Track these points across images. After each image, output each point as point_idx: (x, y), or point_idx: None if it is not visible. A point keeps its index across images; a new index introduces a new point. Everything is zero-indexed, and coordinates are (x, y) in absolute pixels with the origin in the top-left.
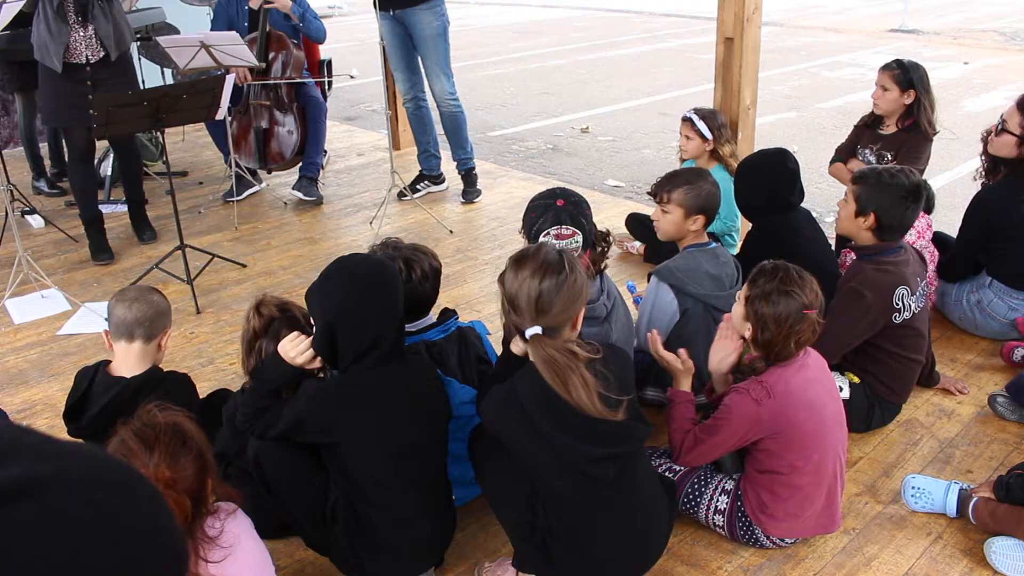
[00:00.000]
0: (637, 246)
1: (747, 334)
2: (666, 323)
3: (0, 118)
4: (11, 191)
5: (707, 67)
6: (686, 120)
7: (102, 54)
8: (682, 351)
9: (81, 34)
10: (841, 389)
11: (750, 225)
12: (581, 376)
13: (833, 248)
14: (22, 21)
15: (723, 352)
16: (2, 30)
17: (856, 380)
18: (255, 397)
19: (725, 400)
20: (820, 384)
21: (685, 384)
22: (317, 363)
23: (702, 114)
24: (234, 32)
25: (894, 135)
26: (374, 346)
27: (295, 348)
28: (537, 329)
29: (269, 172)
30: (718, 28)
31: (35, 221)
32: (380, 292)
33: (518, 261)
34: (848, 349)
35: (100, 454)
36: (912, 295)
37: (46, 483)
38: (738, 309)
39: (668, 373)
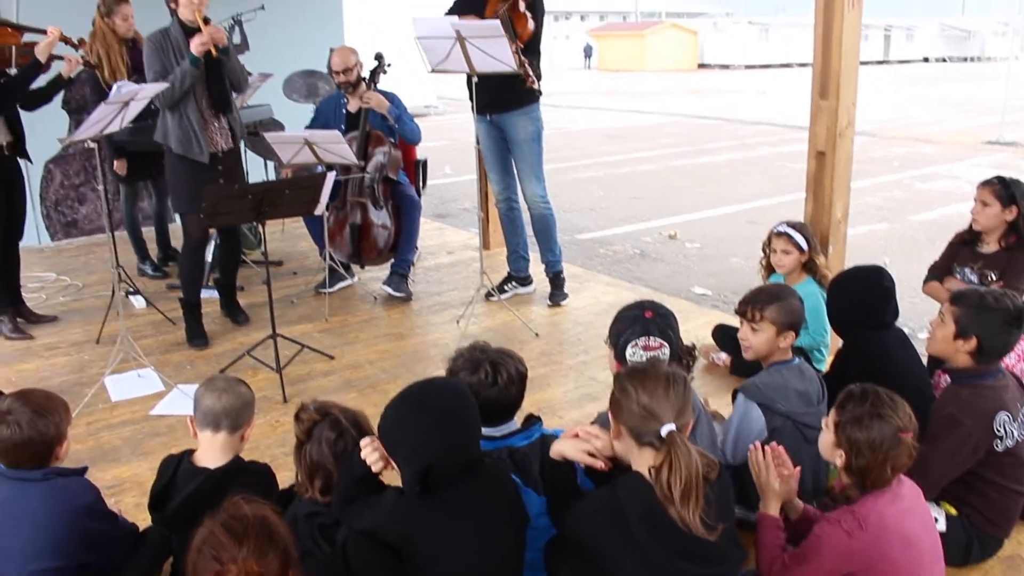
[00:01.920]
0: (723, 358)
1: (839, 462)
2: (752, 441)
3: (115, 201)
4: (119, 272)
5: (796, 176)
6: (781, 235)
7: (233, 143)
8: (797, 469)
9: (216, 125)
10: (937, 520)
11: (839, 342)
12: (699, 478)
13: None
14: (140, 115)
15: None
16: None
17: (953, 512)
18: (345, 487)
19: (815, 529)
20: (916, 515)
21: (775, 507)
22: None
23: (795, 226)
24: (336, 131)
25: (996, 254)
26: (455, 468)
27: (368, 457)
28: (672, 426)
29: (362, 267)
30: (810, 142)
31: (137, 302)
32: (460, 421)
33: (641, 375)
34: (948, 481)
35: None
36: (1014, 421)
37: None
38: (827, 436)
39: (752, 490)
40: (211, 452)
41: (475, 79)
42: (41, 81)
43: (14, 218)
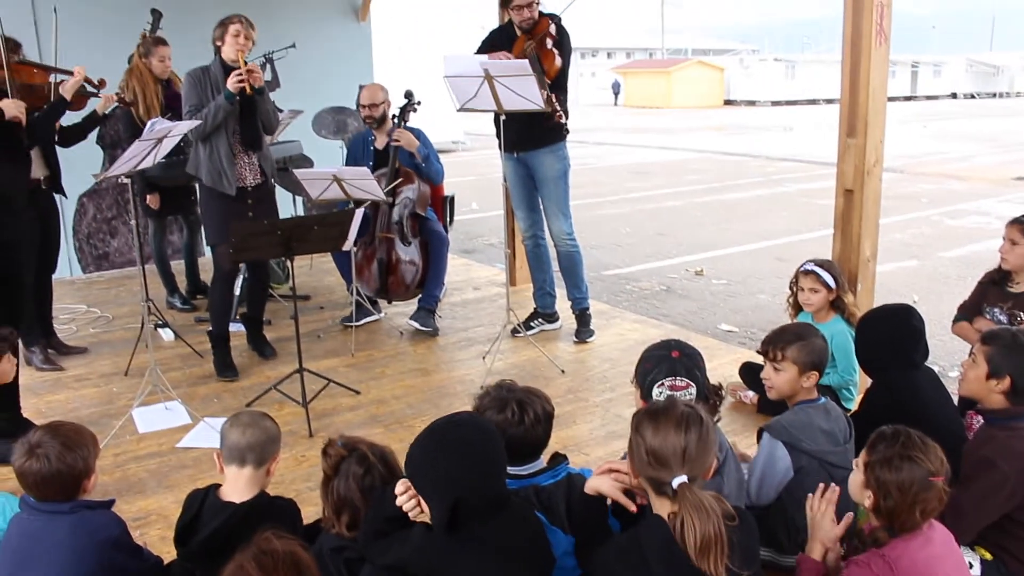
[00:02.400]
0: (751, 396)
1: (868, 503)
2: (778, 481)
3: (144, 235)
4: (148, 305)
5: (824, 212)
6: (809, 273)
7: (262, 179)
8: (848, 515)
9: (245, 160)
10: (971, 566)
11: (868, 380)
12: (719, 530)
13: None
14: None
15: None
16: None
17: (988, 556)
18: (374, 520)
19: (844, 572)
20: (948, 561)
21: (819, 551)
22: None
23: (822, 265)
24: (365, 168)
25: None
26: (482, 504)
27: (405, 505)
28: (683, 478)
29: (389, 302)
30: (838, 179)
31: (166, 335)
32: (483, 455)
33: (654, 416)
34: (984, 525)
35: None
36: None
37: None
38: (856, 477)
39: (780, 532)
40: (237, 487)
41: (503, 117)
42: (76, 117)
43: (49, 251)
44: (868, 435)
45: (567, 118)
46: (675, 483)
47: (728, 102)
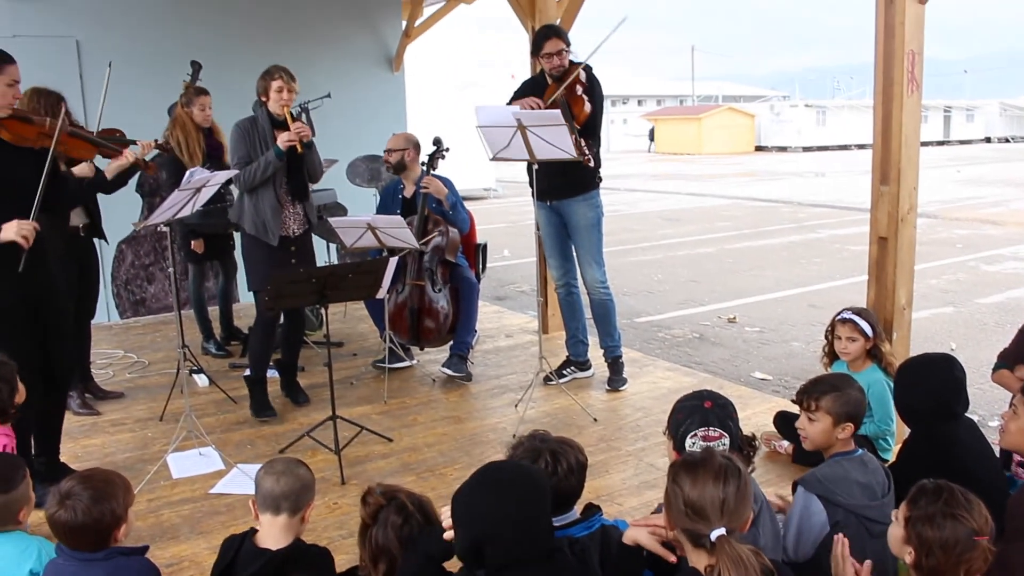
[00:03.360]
0: (785, 446)
1: (908, 559)
2: (814, 536)
3: (183, 281)
4: (184, 351)
5: (857, 258)
6: (847, 322)
7: (306, 227)
8: (867, 563)
9: (291, 210)
10: None
11: (906, 430)
12: None
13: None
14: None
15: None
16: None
17: None
18: (415, 561)
19: None
20: None
21: None
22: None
23: (859, 313)
24: (399, 216)
25: None
26: (522, 555)
27: (443, 515)
28: (722, 530)
29: (421, 349)
30: (871, 227)
31: (201, 380)
32: (516, 498)
33: (692, 467)
34: None
35: None
36: None
37: None
38: (896, 531)
39: None
40: (272, 534)
41: (535, 166)
42: None
43: (88, 297)
44: (906, 487)
45: (598, 165)
46: (714, 536)
47: (759, 148)
